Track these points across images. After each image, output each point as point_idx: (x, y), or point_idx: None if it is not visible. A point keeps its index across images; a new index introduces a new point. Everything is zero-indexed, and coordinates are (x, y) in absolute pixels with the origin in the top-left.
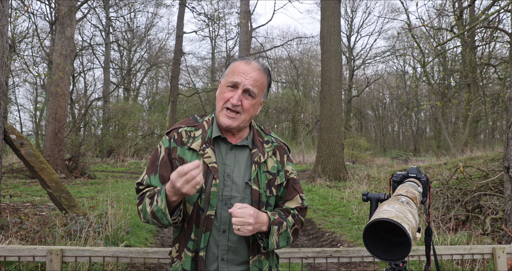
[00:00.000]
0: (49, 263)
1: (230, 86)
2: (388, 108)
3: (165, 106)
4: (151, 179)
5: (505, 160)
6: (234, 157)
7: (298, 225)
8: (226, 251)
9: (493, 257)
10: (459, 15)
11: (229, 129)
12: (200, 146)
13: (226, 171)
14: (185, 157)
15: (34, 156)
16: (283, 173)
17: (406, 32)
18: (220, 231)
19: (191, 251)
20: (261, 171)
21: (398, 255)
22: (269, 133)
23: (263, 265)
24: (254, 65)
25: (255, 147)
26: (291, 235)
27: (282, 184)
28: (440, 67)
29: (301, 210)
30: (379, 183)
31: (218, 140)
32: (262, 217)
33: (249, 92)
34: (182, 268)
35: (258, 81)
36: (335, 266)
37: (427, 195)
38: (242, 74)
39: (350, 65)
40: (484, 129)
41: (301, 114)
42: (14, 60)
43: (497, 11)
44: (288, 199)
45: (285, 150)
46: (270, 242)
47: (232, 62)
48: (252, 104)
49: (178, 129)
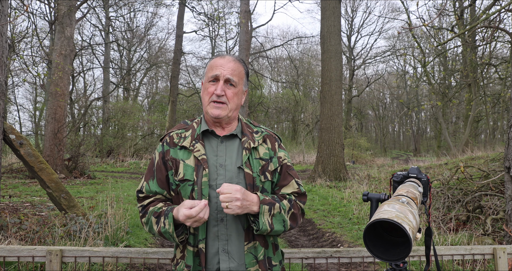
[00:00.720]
0: (49, 264)
1: (212, 80)
2: (388, 108)
3: (165, 106)
4: (150, 184)
5: (506, 160)
6: (225, 147)
7: (296, 210)
8: (226, 241)
9: (494, 257)
10: (459, 14)
11: (219, 120)
12: (190, 143)
13: (219, 161)
14: (177, 156)
15: (33, 156)
16: (276, 159)
17: (407, 32)
18: (218, 220)
19: (192, 245)
20: (252, 157)
21: (399, 256)
22: (258, 125)
23: (258, 252)
24: (229, 58)
25: (245, 135)
26: (287, 219)
27: (276, 170)
28: (441, 67)
29: (299, 195)
30: (380, 183)
31: (208, 135)
32: (251, 196)
33: (230, 81)
34: (185, 264)
35: (236, 71)
36: (336, 266)
37: (428, 195)
38: (219, 67)
39: (351, 65)
40: (484, 129)
41: (301, 114)
42: (14, 60)
43: (498, 11)
44: (283, 184)
45: (275, 138)
46: (261, 222)
47: (209, 61)
48: (235, 93)
49: (169, 134)
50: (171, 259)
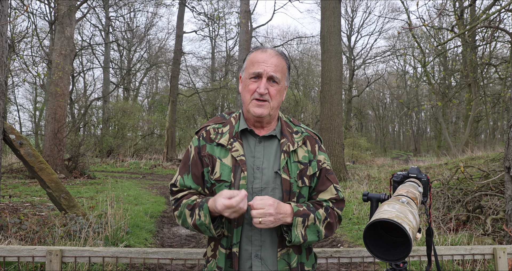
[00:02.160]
0: (49, 264)
1: (253, 77)
2: (388, 108)
3: (165, 106)
4: (184, 179)
5: (506, 160)
6: (263, 148)
7: (332, 219)
8: (259, 247)
9: (494, 257)
10: (459, 14)
11: (261, 118)
12: (228, 141)
13: (256, 163)
14: (214, 153)
15: (33, 156)
16: (315, 162)
17: (407, 32)
18: (252, 225)
19: (225, 247)
20: (291, 161)
21: (399, 256)
22: (298, 124)
23: (291, 259)
24: (271, 52)
25: (284, 137)
26: (322, 229)
27: (315, 174)
28: (441, 67)
29: (337, 201)
30: (380, 183)
31: (246, 133)
32: (285, 208)
33: (273, 79)
34: (217, 265)
35: (279, 67)
36: (336, 266)
37: (428, 195)
38: (262, 63)
39: (351, 65)
40: (485, 129)
41: (301, 114)
42: (14, 60)
43: (498, 11)
44: (321, 189)
45: (316, 139)
46: (294, 234)
47: (248, 54)
48: (278, 90)
49: (206, 128)
50: (173, 258)
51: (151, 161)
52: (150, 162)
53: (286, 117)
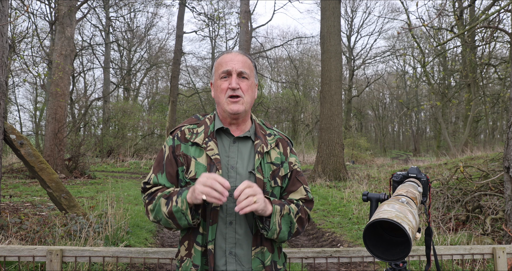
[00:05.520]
0: (49, 263)
1: (223, 77)
2: (388, 108)
3: (165, 106)
4: (158, 177)
5: (505, 160)
6: (237, 149)
7: (303, 215)
8: (233, 244)
9: (493, 257)
10: (459, 15)
11: (237, 115)
12: (203, 140)
13: (230, 162)
14: (189, 152)
15: (34, 156)
16: (287, 164)
17: (406, 32)
18: (226, 223)
19: (200, 245)
20: (264, 161)
21: (398, 255)
22: (271, 127)
23: (265, 258)
24: (236, 52)
25: (258, 138)
26: (295, 222)
27: (286, 175)
28: (440, 67)
29: (306, 201)
30: (379, 183)
31: (221, 133)
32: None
33: (242, 74)
34: (193, 263)
35: (246, 63)
36: (335, 266)
37: (427, 195)
38: (229, 62)
39: (350, 65)
40: (484, 129)
41: (301, 114)
42: (14, 60)
43: (497, 11)
44: (291, 190)
45: (287, 142)
46: (272, 222)
47: (215, 60)
48: (249, 85)
49: (181, 128)
50: (173, 257)
51: (151, 161)
52: (150, 162)
53: (260, 120)
